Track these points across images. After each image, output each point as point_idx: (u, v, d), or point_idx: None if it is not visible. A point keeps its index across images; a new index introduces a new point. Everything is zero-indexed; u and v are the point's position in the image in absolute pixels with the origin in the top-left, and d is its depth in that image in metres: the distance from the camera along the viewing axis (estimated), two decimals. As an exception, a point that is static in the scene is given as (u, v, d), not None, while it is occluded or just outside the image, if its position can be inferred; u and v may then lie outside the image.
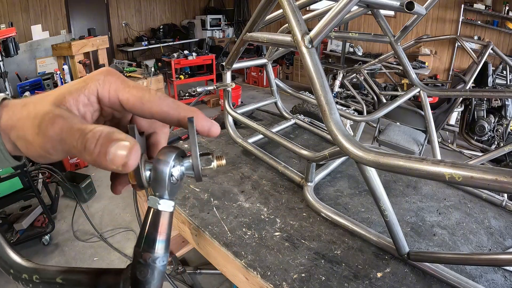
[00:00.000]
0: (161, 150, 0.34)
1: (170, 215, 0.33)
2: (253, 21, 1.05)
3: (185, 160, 0.35)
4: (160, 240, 0.32)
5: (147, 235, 0.32)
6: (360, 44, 6.33)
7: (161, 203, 0.32)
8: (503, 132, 3.13)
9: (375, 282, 0.76)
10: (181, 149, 0.35)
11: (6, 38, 2.86)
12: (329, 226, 0.95)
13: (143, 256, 0.31)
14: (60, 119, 0.26)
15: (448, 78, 5.39)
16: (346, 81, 3.51)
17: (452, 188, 1.17)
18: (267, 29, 3.67)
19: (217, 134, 0.34)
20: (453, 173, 0.48)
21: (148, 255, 0.31)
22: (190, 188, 1.15)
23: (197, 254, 2.00)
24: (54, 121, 0.26)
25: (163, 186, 0.32)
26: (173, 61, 5.20)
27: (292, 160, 1.35)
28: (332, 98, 0.74)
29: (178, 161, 0.34)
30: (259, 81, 6.97)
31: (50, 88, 2.99)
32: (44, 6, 5.51)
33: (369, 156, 0.62)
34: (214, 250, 0.93)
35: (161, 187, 0.32)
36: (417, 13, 1.14)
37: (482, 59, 2.92)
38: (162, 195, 0.33)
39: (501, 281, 0.78)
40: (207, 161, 0.37)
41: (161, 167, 0.32)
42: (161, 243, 0.32)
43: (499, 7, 4.65)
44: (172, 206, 0.33)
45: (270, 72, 1.64)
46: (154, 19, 7.66)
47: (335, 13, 0.77)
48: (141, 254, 0.31)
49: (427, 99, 1.41)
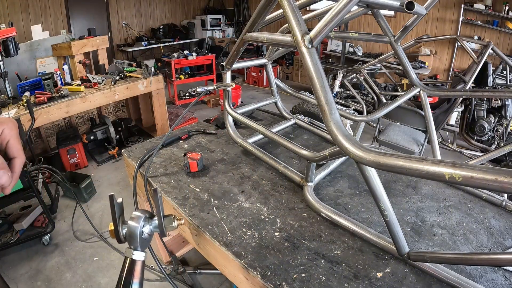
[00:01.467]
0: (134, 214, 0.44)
1: (142, 263, 0.42)
2: (253, 21, 1.05)
3: (153, 220, 0.46)
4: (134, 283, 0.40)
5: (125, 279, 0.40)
6: (360, 44, 6.33)
7: (135, 254, 0.42)
8: (503, 132, 3.13)
9: (375, 282, 0.76)
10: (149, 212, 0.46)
11: (6, 38, 2.86)
12: (329, 226, 0.95)
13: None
14: None
15: (448, 78, 5.39)
16: (346, 81, 3.51)
17: (452, 188, 1.17)
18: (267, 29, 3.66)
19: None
20: (453, 173, 0.48)
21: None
22: (190, 188, 1.15)
23: (197, 254, 2.00)
24: None
25: (136, 241, 0.42)
26: (173, 61, 5.20)
27: (292, 160, 1.35)
28: (332, 98, 0.74)
29: (147, 222, 0.45)
30: (259, 81, 6.97)
31: (50, 88, 2.98)
32: (44, 6, 5.50)
33: (369, 156, 0.62)
34: (214, 250, 0.93)
35: (135, 242, 0.42)
36: (417, 13, 1.14)
37: (482, 59, 2.92)
38: (136, 248, 0.42)
39: (501, 281, 0.78)
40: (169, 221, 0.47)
41: (133, 228, 0.43)
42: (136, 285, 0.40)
43: (499, 7, 4.64)
44: (143, 256, 0.43)
45: (270, 72, 1.64)
46: (154, 19, 7.66)
47: (335, 13, 0.77)
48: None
49: (427, 99, 1.41)
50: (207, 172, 1.25)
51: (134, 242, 0.41)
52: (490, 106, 3.16)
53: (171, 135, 1.52)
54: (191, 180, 1.20)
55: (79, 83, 3.22)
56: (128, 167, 1.44)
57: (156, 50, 7.17)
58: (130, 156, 1.39)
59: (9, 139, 0.44)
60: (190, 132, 1.59)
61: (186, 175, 1.23)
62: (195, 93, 5.31)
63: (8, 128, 0.44)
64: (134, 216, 0.43)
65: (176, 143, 1.50)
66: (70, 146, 3.31)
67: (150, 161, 1.30)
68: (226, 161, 1.33)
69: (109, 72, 3.68)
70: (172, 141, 1.50)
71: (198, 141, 1.52)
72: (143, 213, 0.43)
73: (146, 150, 1.38)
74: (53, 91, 2.98)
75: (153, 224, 0.45)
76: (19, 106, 2.70)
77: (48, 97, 2.81)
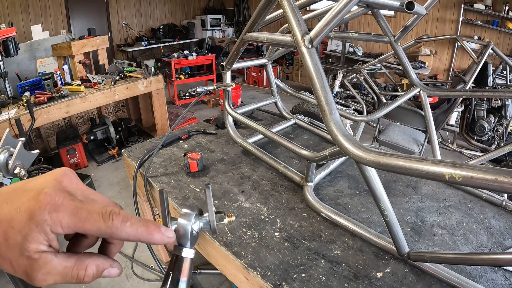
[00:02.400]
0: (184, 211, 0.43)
1: (191, 260, 0.41)
2: (253, 21, 1.05)
3: (202, 217, 0.45)
4: (182, 281, 0.39)
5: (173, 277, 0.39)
6: (360, 44, 6.33)
7: (184, 251, 0.41)
8: (503, 132, 3.13)
9: (375, 282, 0.76)
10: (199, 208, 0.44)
11: (6, 38, 2.86)
12: (329, 226, 0.95)
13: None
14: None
15: (448, 78, 5.38)
16: (346, 81, 3.51)
17: (452, 188, 1.17)
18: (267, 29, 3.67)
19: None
20: (453, 173, 0.48)
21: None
22: (190, 188, 1.15)
23: (197, 254, 1.99)
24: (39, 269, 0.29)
25: (186, 238, 0.41)
26: (173, 61, 5.20)
27: (292, 160, 1.35)
28: (332, 98, 0.74)
29: (197, 218, 0.44)
30: (259, 81, 6.97)
31: (50, 88, 2.98)
32: (44, 6, 5.50)
33: (369, 156, 0.62)
34: (214, 250, 0.93)
35: (184, 239, 0.41)
36: (417, 13, 1.14)
37: (482, 59, 2.91)
38: (185, 245, 0.41)
39: (501, 281, 0.78)
40: (220, 218, 0.47)
41: (184, 225, 0.42)
42: (184, 283, 0.40)
43: (499, 7, 4.64)
44: (193, 253, 0.42)
45: (270, 72, 1.64)
46: (154, 19, 7.66)
47: (335, 13, 0.77)
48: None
49: (427, 99, 1.41)
50: (207, 172, 1.25)
51: (184, 240, 0.40)
52: (490, 106, 3.16)
53: (171, 135, 1.52)
54: (191, 180, 1.20)
55: (79, 83, 3.22)
56: (128, 167, 1.44)
57: (156, 50, 7.17)
58: (130, 156, 1.39)
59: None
60: (190, 132, 1.59)
61: (186, 175, 1.23)
62: (195, 93, 5.31)
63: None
64: (184, 213, 0.42)
65: (176, 143, 1.50)
66: (70, 146, 3.31)
67: (150, 161, 1.30)
68: (226, 161, 1.33)
69: (109, 72, 3.68)
70: (172, 141, 1.50)
71: (198, 141, 1.52)
72: (193, 210, 0.42)
73: (146, 150, 1.38)
74: (53, 91, 2.97)
75: (203, 221, 0.43)
76: (19, 106, 2.70)
77: (48, 97, 2.81)
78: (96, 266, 0.33)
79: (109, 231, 0.31)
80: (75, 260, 0.31)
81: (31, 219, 0.29)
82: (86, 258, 0.32)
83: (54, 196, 0.30)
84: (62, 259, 0.30)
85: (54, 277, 0.30)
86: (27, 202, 0.29)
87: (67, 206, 0.30)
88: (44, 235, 0.29)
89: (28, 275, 0.29)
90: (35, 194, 0.30)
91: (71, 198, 0.31)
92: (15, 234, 0.28)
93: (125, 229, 0.32)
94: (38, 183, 0.31)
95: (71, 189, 0.32)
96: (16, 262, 0.28)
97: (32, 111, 2.50)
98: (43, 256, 0.29)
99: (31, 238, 0.28)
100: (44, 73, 3.60)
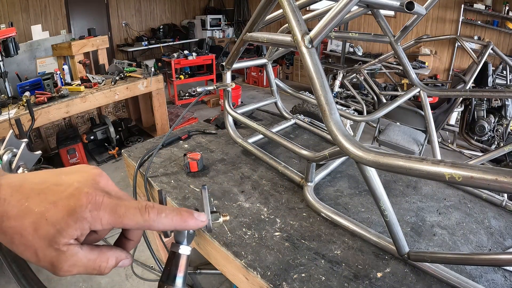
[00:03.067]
0: None
1: (187, 257, 0.43)
2: (253, 21, 1.05)
3: None
4: (179, 276, 0.41)
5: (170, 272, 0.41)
6: (360, 44, 6.33)
7: (181, 248, 0.42)
8: (503, 132, 3.13)
9: (375, 282, 0.76)
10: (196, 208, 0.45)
11: (6, 38, 2.86)
12: (329, 226, 0.95)
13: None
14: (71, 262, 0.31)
15: (448, 78, 5.39)
16: (346, 81, 3.51)
17: (452, 188, 1.17)
18: (267, 29, 3.68)
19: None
20: (453, 173, 0.48)
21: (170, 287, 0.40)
22: (190, 188, 1.15)
23: (197, 254, 1.99)
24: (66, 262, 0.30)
25: (183, 236, 0.43)
26: (173, 61, 5.20)
27: (292, 160, 1.35)
28: (332, 98, 0.74)
29: None
30: (259, 81, 6.97)
31: (50, 88, 2.98)
32: (44, 6, 5.51)
33: (369, 156, 0.62)
34: (214, 250, 0.93)
35: (181, 237, 0.43)
36: (417, 13, 1.14)
37: (482, 59, 2.92)
38: (182, 242, 0.43)
39: (501, 281, 0.78)
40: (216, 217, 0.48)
41: None
42: (180, 278, 0.41)
43: (499, 7, 4.65)
44: (189, 250, 0.43)
45: (270, 72, 1.64)
46: (154, 19, 7.66)
47: (335, 13, 0.77)
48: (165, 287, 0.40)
49: (427, 99, 1.41)
50: (207, 172, 1.25)
51: (181, 237, 0.42)
52: (490, 106, 3.16)
53: (171, 135, 1.51)
54: (191, 180, 1.20)
55: (79, 83, 3.22)
56: (128, 167, 1.44)
57: (156, 50, 7.17)
58: (130, 156, 1.39)
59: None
60: (190, 132, 1.59)
61: (186, 175, 1.23)
62: (195, 93, 5.31)
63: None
64: None
65: (176, 143, 1.50)
66: (70, 146, 3.31)
67: (150, 161, 1.30)
68: (226, 161, 1.33)
69: (109, 72, 3.68)
70: (172, 141, 1.50)
71: (198, 141, 1.52)
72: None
73: (146, 150, 1.38)
74: (53, 91, 2.98)
75: None
76: (19, 106, 2.70)
77: (48, 97, 2.81)
78: (115, 258, 0.34)
79: (146, 224, 0.33)
80: (98, 253, 0.33)
81: (70, 215, 0.29)
82: (108, 250, 0.34)
83: (95, 196, 0.31)
84: (86, 251, 0.31)
85: (78, 268, 0.31)
86: (66, 198, 0.30)
87: (106, 205, 0.31)
88: (80, 231, 0.30)
89: (54, 266, 0.30)
90: (75, 192, 0.31)
91: (109, 197, 0.32)
92: (48, 226, 0.29)
93: (161, 220, 0.34)
94: (74, 180, 0.32)
95: (107, 189, 0.34)
96: (42, 252, 0.29)
97: (32, 111, 2.50)
98: (71, 249, 0.30)
99: (65, 233, 0.29)
100: (44, 73, 3.60)
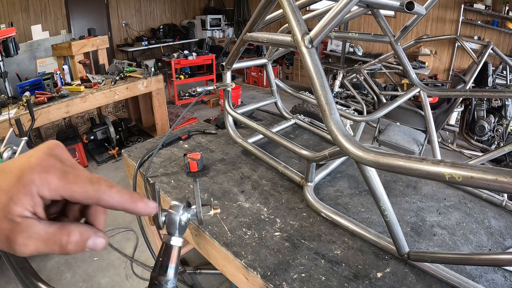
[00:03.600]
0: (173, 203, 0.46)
1: (179, 248, 0.44)
2: (253, 21, 1.05)
3: (190, 209, 0.48)
4: (171, 267, 0.42)
5: (162, 263, 0.42)
6: (360, 44, 6.33)
7: (173, 239, 0.44)
8: (503, 132, 3.13)
9: (375, 282, 0.76)
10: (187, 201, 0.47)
11: (6, 38, 2.86)
12: (329, 226, 0.95)
13: (158, 279, 0.41)
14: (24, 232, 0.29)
15: (448, 78, 5.39)
16: (346, 81, 3.51)
17: (452, 188, 1.17)
18: (267, 29, 3.68)
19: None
20: (453, 173, 0.48)
21: (162, 278, 0.41)
22: (190, 188, 1.15)
23: (197, 254, 1.99)
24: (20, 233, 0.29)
25: (175, 228, 0.44)
26: (173, 61, 5.20)
27: (292, 160, 1.35)
28: (332, 98, 0.74)
29: (185, 210, 0.47)
30: (259, 81, 6.97)
31: (50, 88, 2.98)
32: (44, 6, 5.51)
33: (369, 156, 0.62)
34: (214, 250, 0.93)
35: (173, 228, 0.44)
36: (417, 13, 1.14)
37: (482, 59, 2.92)
38: (173, 234, 0.44)
39: (501, 281, 0.78)
40: (207, 210, 0.50)
41: (173, 215, 0.45)
42: (172, 269, 0.42)
43: (499, 7, 4.65)
44: (181, 242, 0.44)
45: (270, 72, 1.64)
46: (154, 19, 7.66)
47: (335, 13, 0.77)
48: (156, 278, 0.41)
49: (427, 99, 1.41)
50: (207, 172, 1.25)
51: (173, 229, 0.43)
52: (490, 106, 3.16)
53: (171, 135, 1.51)
54: (191, 180, 1.20)
55: (79, 83, 3.22)
56: (128, 167, 1.44)
57: (156, 50, 7.17)
58: (130, 156, 1.39)
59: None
60: (190, 132, 1.59)
61: (186, 175, 1.23)
62: (195, 93, 5.31)
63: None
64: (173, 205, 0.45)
65: (176, 143, 1.50)
66: (70, 146, 3.31)
67: (150, 161, 1.30)
68: (226, 161, 1.33)
69: (109, 72, 3.68)
70: (172, 141, 1.50)
71: (198, 141, 1.52)
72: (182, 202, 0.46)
73: (146, 150, 1.38)
74: (53, 91, 2.98)
75: (191, 212, 0.46)
76: (19, 106, 2.70)
77: (48, 97, 2.81)
78: (80, 233, 0.32)
79: (96, 194, 0.32)
80: (58, 226, 0.31)
81: (19, 179, 0.29)
82: (70, 224, 0.32)
83: (45, 159, 0.31)
84: (45, 224, 0.30)
85: (36, 242, 0.29)
86: (18, 166, 0.30)
87: (56, 168, 0.30)
88: (30, 198, 0.29)
89: (9, 239, 0.28)
90: (27, 159, 0.31)
91: (61, 163, 0.31)
92: (1, 195, 0.29)
93: (112, 194, 0.33)
94: (31, 151, 0.32)
95: (61, 157, 0.33)
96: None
97: (32, 111, 2.50)
98: (26, 220, 0.29)
99: (16, 199, 0.28)
100: (44, 73, 3.60)
